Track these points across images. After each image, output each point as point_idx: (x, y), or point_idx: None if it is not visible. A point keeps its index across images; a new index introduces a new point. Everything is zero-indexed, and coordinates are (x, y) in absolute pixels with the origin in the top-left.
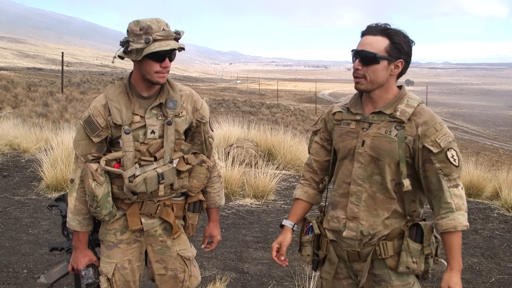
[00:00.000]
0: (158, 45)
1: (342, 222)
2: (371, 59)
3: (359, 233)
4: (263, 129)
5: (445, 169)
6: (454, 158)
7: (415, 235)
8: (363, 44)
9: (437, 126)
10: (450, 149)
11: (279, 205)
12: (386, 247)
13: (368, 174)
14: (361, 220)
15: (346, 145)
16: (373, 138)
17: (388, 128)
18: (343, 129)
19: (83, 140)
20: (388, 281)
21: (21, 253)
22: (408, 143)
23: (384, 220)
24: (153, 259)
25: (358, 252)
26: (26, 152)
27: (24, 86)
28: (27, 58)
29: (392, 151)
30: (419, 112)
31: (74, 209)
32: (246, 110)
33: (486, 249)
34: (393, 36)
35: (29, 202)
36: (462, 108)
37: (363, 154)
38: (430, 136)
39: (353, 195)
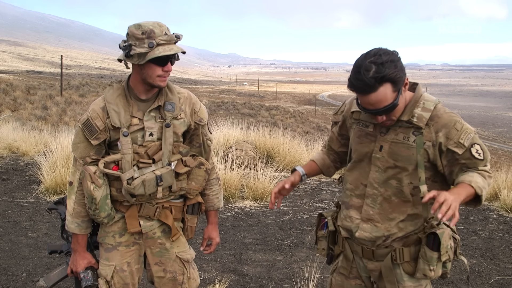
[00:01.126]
0: (162, 49)
1: (355, 222)
2: (393, 107)
3: (373, 235)
4: (262, 131)
5: (471, 164)
6: (478, 153)
7: (432, 243)
8: (372, 103)
9: (457, 126)
10: (474, 144)
11: (279, 208)
12: (403, 253)
13: (384, 178)
14: (376, 223)
15: (364, 148)
16: (391, 144)
17: (406, 134)
18: (362, 130)
19: (82, 142)
20: (400, 281)
21: (20, 256)
22: (426, 149)
23: (398, 223)
24: (152, 262)
25: (373, 251)
26: (25, 155)
27: (23, 89)
28: (26, 61)
29: (410, 157)
30: (437, 116)
31: (73, 211)
32: (246, 112)
33: (486, 250)
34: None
35: (28, 205)
36: (462, 109)
37: (381, 159)
38: (453, 138)
39: (369, 198)
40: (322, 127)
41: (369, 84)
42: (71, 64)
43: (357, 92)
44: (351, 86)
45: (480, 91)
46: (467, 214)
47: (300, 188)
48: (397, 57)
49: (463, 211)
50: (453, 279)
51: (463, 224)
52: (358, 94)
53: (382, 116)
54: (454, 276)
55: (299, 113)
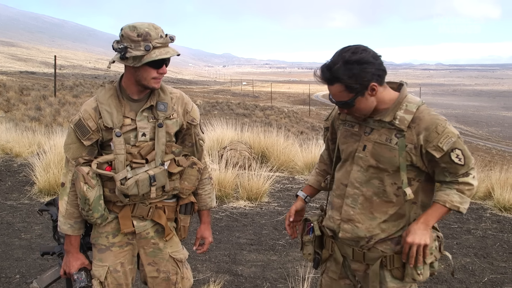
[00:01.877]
0: (158, 52)
1: (336, 223)
2: (347, 105)
3: (355, 235)
4: (257, 131)
5: (451, 168)
6: (459, 158)
7: None
8: (332, 94)
9: (438, 129)
10: (454, 149)
11: (273, 207)
12: (393, 260)
13: (366, 178)
14: (356, 223)
15: (348, 147)
16: (375, 144)
17: (389, 135)
18: (348, 130)
19: (74, 143)
20: (383, 283)
21: (13, 258)
22: (408, 151)
23: (380, 224)
24: (146, 262)
25: (364, 253)
26: (19, 157)
27: (16, 90)
28: (19, 61)
29: (392, 158)
30: (419, 118)
31: (65, 213)
32: (240, 112)
33: (479, 249)
34: (341, 79)
35: (21, 206)
36: (455, 109)
37: (364, 158)
38: (432, 141)
39: (349, 198)
40: (317, 127)
41: (326, 77)
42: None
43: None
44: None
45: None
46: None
47: (295, 188)
48: (369, 60)
49: None
50: (447, 277)
51: (457, 223)
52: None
53: (343, 110)
54: (448, 274)
55: (293, 113)
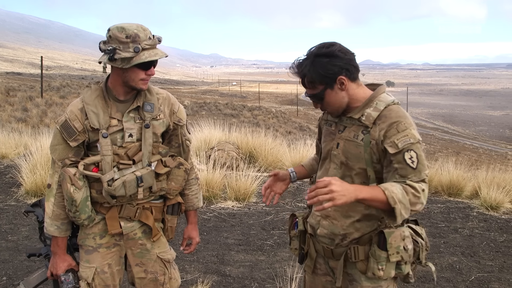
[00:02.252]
0: (147, 54)
1: (317, 219)
2: (317, 98)
3: (331, 232)
4: (245, 132)
5: (402, 170)
6: (412, 160)
7: (382, 242)
8: (305, 88)
9: (399, 127)
10: (410, 150)
11: (261, 208)
12: (358, 251)
13: (340, 175)
14: (333, 219)
15: (326, 146)
16: (345, 142)
17: (356, 132)
18: (327, 130)
19: (60, 144)
20: (358, 281)
21: (0, 260)
22: (372, 147)
23: (354, 223)
24: (133, 263)
25: (332, 250)
26: (5, 158)
27: (2, 91)
28: (5, 62)
29: (358, 155)
30: (385, 115)
31: (52, 214)
32: (228, 113)
33: (466, 248)
34: (305, 75)
35: (8, 208)
36: (442, 108)
37: (337, 156)
38: (390, 137)
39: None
40: (305, 127)
41: (296, 72)
42: (51, 65)
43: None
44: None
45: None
46: (448, 212)
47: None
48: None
49: (443, 209)
50: (434, 276)
51: (444, 222)
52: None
53: (316, 103)
54: (435, 276)
55: (281, 113)
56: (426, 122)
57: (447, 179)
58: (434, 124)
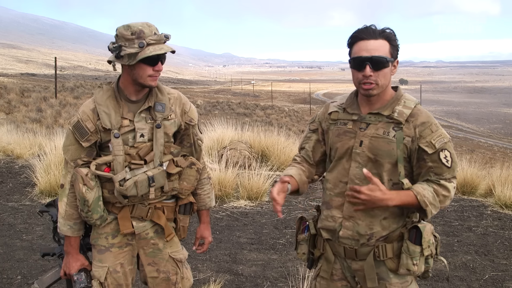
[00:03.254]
0: (152, 49)
1: (338, 221)
2: (383, 64)
3: (356, 232)
4: (257, 131)
5: (437, 169)
6: (446, 159)
7: (414, 237)
8: (369, 49)
9: (433, 127)
10: (444, 150)
11: None
12: (385, 249)
13: None
14: (357, 220)
15: (344, 145)
16: (371, 139)
17: (386, 129)
18: (340, 129)
19: (73, 145)
20: (386, 279)
21: (15, 259)
22: (406, 144)
23: (381, 221)
24: (145, 262)
25: (355, 250)
26: (20, 158)
27: (17, 92)
28: (20, 63)
29: (390, 151)
30: (417, 113)
31: (65, 214)
32: (241, 112)
33: (480, 246)
34: (391, 38)
35: (23, 208)
36: (456, 106)
37: (361, 154)
38: (426, 137)
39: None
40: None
41: (373, 31)
42: (65, 66)
43: (358, 38)
44: (355, 32)
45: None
46: (462, 211)
47: None
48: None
49: (457, 207)
50: (448, 275)
51: (458, 220)
52: (359, 41)
53: (369, 70)
54: (448, 272)
55: (294, 112)
56: (440, 120)
57: (461, 177)
58: (448, 122)
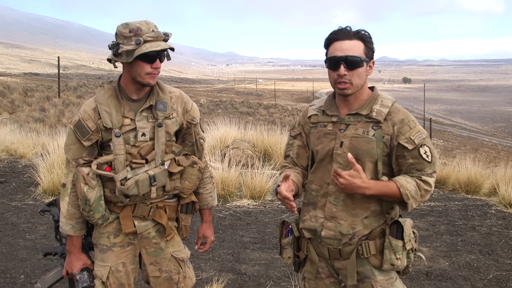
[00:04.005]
0: (149, 46)
1: (319, 221)
2: (357, 63)
3: (338, 232)
4: (260, 130)
5: (418, 164)
6: (427, 154)
7: (396, 232)
8: (343, 49)
9: (411, 124)
10: (423, 145)
11: (276, 206)
12: (368, 246)
13: None
14: (339, 220)
15: (325, 147)
16: (351, 139)
17: (365, 128)
18: (320, 131)
19: (74, 144)
20: (371, 277)
21: (18, 258)
22: (385, 142)
23: (363, 220)
24: (147, 262)
25: (339, 250)
26: (23, 158)
27: (20, 92)
28: (23, 63)
29: (371, 150)
30: (394, 111)
31: (66, 213)
32: (244, 111)
33: (484, 246)
34: (366, 39)
35: (26, 207)
36: (460, 105)
37: (342, 155)
38: (405, 133)
39: (332, 195)
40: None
41: (348, 32)
42: (68, 65)
43: (334, 39)
44: (331, 34)
45: (478, 86)
46: (466, 210)
47: None
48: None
49: (461, 206)
50: (452, 275)
51: (462, 219)
52: (334, 42)
53: (343, 69)
54: (453, 272)
55: (297, 111)
56: (444, 118)
57: (465, 176)
58: (452, 121)
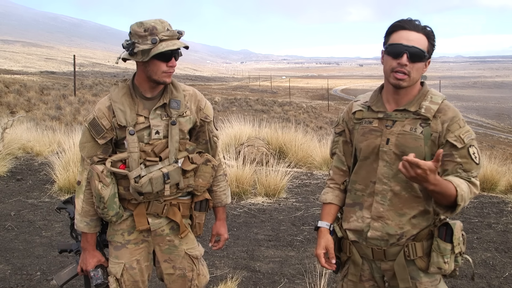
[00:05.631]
0: (165, 45)
1: (366, 222)
2: (420, 57)
3: (385, 233)
4: (275, 127)
5: (466, 165)
6: (475, 156)
7: (444, 234)
8: (410, 40)
9: (460, 122)
10: (472, 146)
11: (291, 203)
12: (415, 248)
13: (393, 172)
14: (386, 220)
15: (370, 144)
16: (398, 136)
17: (413, 125)
18: (365, 127)
19: (89, 142)
20: (416, 278)
21: (34, 255)
22: (434, 140)
23: (411, 219)
24: (161, 259)
25: (384, 251)
26: (39, 155)
27: (37, 90)
28: (39, 61)
29: (418, 148)
30: (444, 109)
31: (81, 210)
32: (259, 108)
33: (500, 244)
34: (430, 35)
35: (42, 205)
36: (476, 101)
37: (388, 152)
38: (454, 131)
39: (379, 194)
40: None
41: (417, 25)
42: (84, 63)
43: (400, 27)
44: (398, 21)
45: (494, 82)
46: (481, 207)
47: (313, 184)
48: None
49: (477, 204)
50: (467, 273)
51: (477, 217)
52: (400, 30)
53: (406, 59)
54: (468, 270)
55: (312, 108)
56: None
57: (481, 173)
58: (468, 118)
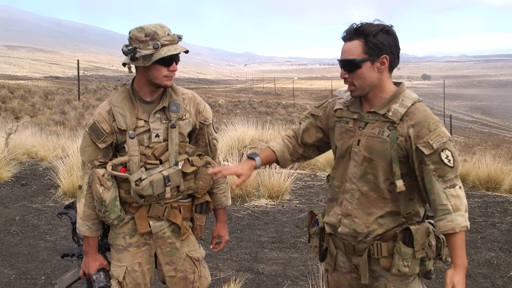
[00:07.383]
0: (167, 49)
1: (338, 218)
2: (353, 65)
3: (353, 230)
4: (278, 129)
5: (439, 170)
6: (448, 159)
7: (408, 238)
8: (342, 52)
9: (430, 126)
10: (445, 149)
11: (295, 205)
12: (381, 248)
13: (361, 173)
14: (354, 218)
15: (344, 144)
16: (367, 138)
17: (381, 128)
18: (343, 127)
19: (89, 146)
20: (385, 276)
21: (39, 260)
22: (399, 144)
23: (377, 219)
24: (163, 261)
25: (353, 246)
26: (44, 160)
27: (41, 95)
28: (44, 67)
29: (384, 151)
30: (412, 112)
31: (83, 214)
32: (262, 110)
33: (504, 243)
34: (367, 35)
35: (46, 209)
36: (481, 100)
37: (358, 153)
38: (423, 137)
39: (348, 193)
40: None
41: (349, 32)
42: (88, 67)
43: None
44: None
45: (499, 81)
46: (486, 207)
47: (316, 185)
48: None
49: (481, 203)
50: (471, 272)
51: (481, 216)
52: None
53: (345, 72)
54: (472, 269)
55: None
56: (464, 115)
57: (485, 173)
58: (472, 117)
